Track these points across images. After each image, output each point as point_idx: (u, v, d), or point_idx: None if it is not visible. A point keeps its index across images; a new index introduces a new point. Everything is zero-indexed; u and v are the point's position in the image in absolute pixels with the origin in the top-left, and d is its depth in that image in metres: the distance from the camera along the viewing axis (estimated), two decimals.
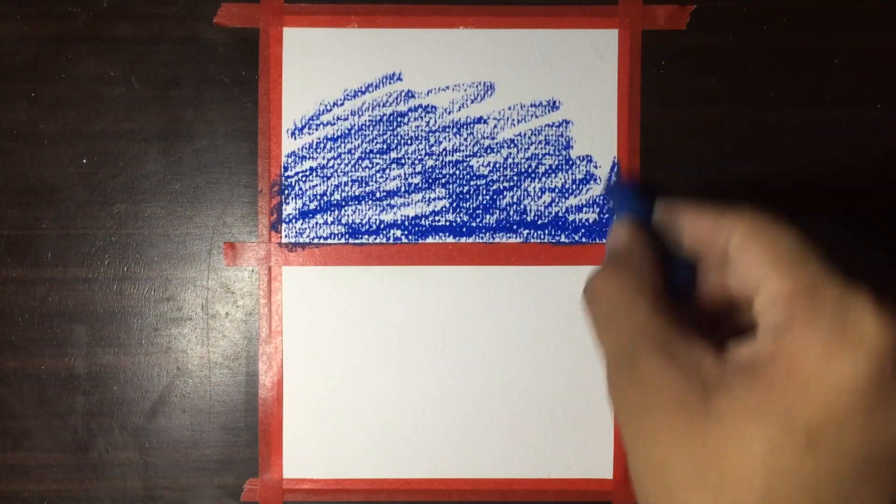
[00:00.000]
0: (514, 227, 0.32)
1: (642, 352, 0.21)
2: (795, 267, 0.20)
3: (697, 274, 0.24)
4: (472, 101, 0.32)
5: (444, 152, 0.32)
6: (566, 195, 0.32)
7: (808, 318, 0.19)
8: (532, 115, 0.32)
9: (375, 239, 0.32)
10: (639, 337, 0.21)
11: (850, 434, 0.18)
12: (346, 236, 0.32)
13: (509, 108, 0.32)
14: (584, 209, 0.32)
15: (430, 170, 0.32)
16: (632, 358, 0.21)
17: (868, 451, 0.18)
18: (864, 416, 0.18)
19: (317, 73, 0.32)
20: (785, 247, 0.20)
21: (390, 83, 0.32)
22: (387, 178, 0.32)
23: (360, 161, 0.32)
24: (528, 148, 0.32)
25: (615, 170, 0.32)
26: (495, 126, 0.32)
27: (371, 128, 0.32)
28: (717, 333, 0.21)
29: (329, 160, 0.32)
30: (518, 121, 0.32)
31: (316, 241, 0.32)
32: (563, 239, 0.32)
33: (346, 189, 0.32)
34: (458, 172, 0.32)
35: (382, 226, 0.32)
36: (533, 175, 0.32)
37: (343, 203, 0.32)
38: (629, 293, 0.22)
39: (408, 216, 0.32)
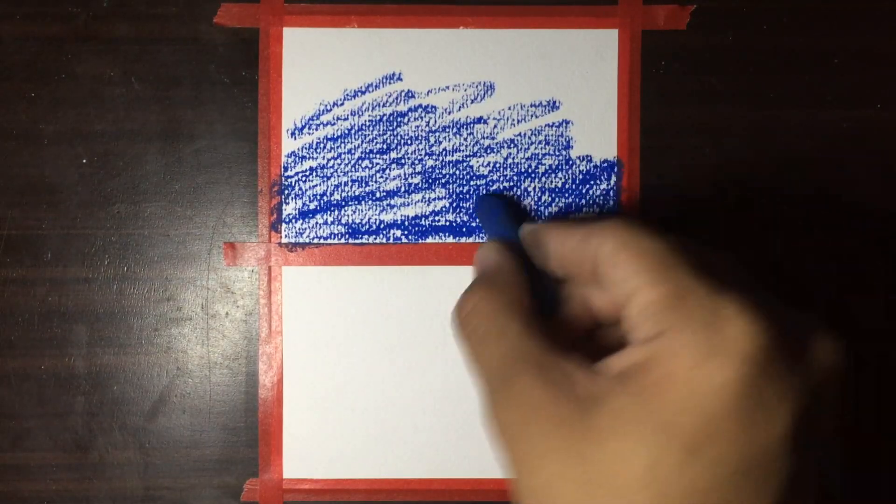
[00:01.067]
0: None
1: (516, 372, 0.20)
2: (664, 274, 0.19)
3: (562, 294, 0.23)
4: (472, 101, 0.32)
5: (444, 152, 0.32)
6: (566, 195, 0.32)
7: (679, 325, 0.19)
8: (532, 115, 0.32)
9: (375, 239, 0.32)
10: (512, 357, 0.21)
11: (726, 440, 0.18)
12: (346, 236, 0.32)
13: (509, 108, 0.32)
14: (584, 209, 0.32)
15: (430, 170, 0.32)
16: (506, 379, 0.20)
17: (745, 456, 0.18)
18: (739, 421, 0.18)
19: (317, 73, 0.32)
20: (653, 256, 0.20)
21: (390, 83, 0.32)
22: (387, 178, 0.32)
23: (360, 161, 0.32)
24: (528, 148, 0.32)
25: (484, 189, 0.32)
26: (495, 126, 0.32)
27: (371, 128, 0.32)
28: (586, 352, 0.21)
29: (329, 160, 0.32)
30: (518, 121, 0.32)
31: (316, 241, 0.32)
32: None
33: (346, 189, 0.32)
34: (458, 172, 0.32)
35: (382, 226, 0.32)
36: (533, 175, 0.32)
37: (343, 203, 0.32)
38: (501, 314, 0.22)
39: (408, 216, 0.32)
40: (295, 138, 0.32)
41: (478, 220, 0.32)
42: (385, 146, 0.32)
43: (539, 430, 0.19)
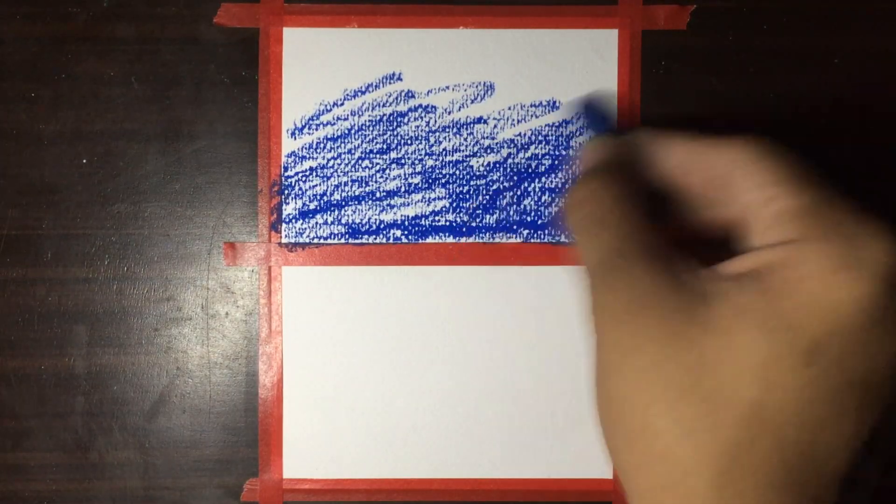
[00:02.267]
0: (514, 227, 0.32)
1: (634, 256, 0.20)
2: (806, 185, 0.20)
3: (669, 203, 0.23)
4: (472, 101, 0.32)
5: (444, 152, 0.32)
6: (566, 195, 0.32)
7: (820, 234, 0.19)
8: (532, 115, 0.32)
9: (375, 239, 0.32)
10: (630, 243, 0.21)
11: (848, 353, 0.18)
12: (346, 236, 0.32)
13: (509, 108, 0.32)
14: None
15: (430, 170, 0.32)
16: (622, 263, 0.20)
17: (862, 373, 0.18)
18: (865, 336, 0.18)
19: (317, 73, 0.32)
20: (795, 167, 0.20)
21: (390, 83, 0.32)
22: (387, 178, 0.32)
23: (360, 161, 0.32)
24: (528, 148, 0.32)
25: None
26: (495, 126, 0.32)
27: (371, 128, 0.32)
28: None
29: (329, 160, 0.32)
30: (518, 121, 0.32)
31: (316, 241, 0.32)
32: (563, 239, 0.32)
33: (346, 189, 0.32)
34: (458, 172, 0.32)
35: (382, 226, 0.32)
36: (533, 175, 0.32)
37: (343, 203, 0.32)
38: (619, 201, 0.22)
39: (408, 216, 0.32)
40: (295, 138, 0.32)
41: (582, 119, 0.31)
42: (385, 146, 0.32)
43: (652, 313, 0.19)
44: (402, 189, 0.32)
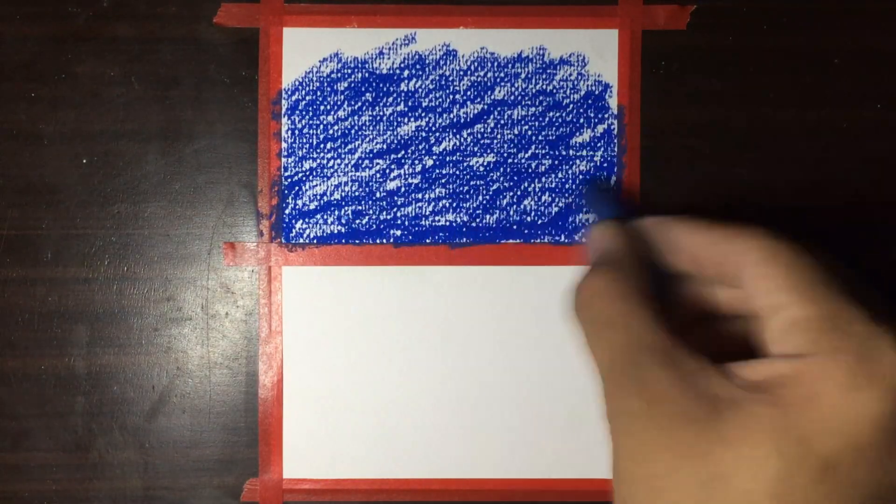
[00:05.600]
0: (514, 227, 0.32)
1: (643, 361, 0.20)
2: (818, 294, 0.19)
3: (673, 283, 0.23)
4: (472, 101, 0.32)
5: (443, 152, 0.32)
6: (566, 195, 0.32)
7: (833, 348, 0.19)
8: (532, 115, 0.32)
9: (375, 239, 0.32)
10: (638, 346, 0.20)
11: (863, 469, 0.18)
12: (346, 236, 0.32)
13: (509, 108, 0.32)
14: (585, 209, 0.32)
15: (430, 170, 0.32)
16: (634, 367, 0.20)
17: (877, 488, 0.18)
18: (880, 453, 0.18)
19: (317, 73, 0.32)
20: (804, 273, 0.20)
21: (391, 83, 0.32)
22: (387, 178, 0.32)
23: (360, 161, 0.32)
24: (529, 148, 0.32)
25: (596, 174, 0.32)
26: (495, 126, 0.32)
27: (371, 128, 0.32)
28: (697, 342, 0.21)
29: (329, 160, 0.32)
30: (518, 121, 0.32)
31: (316, 241, 0.32)
32: (563, 239, 0.32)
33: (346, 189, 0.32)
34: (457, 172, 0.32)
35: (382, 226, 0.32)
36: (533, 175, 0.32)
37: (343, 203, 0.32)
38: (627, 299, 0.21)
39: (408, 216, 0.32)
40: (295, 138, 0.32)
41: (585, 201, 0.31)
42: (385, 146, 0.32)
43: (663, 422, 0.19)
44: (402, 189, 0.32)
